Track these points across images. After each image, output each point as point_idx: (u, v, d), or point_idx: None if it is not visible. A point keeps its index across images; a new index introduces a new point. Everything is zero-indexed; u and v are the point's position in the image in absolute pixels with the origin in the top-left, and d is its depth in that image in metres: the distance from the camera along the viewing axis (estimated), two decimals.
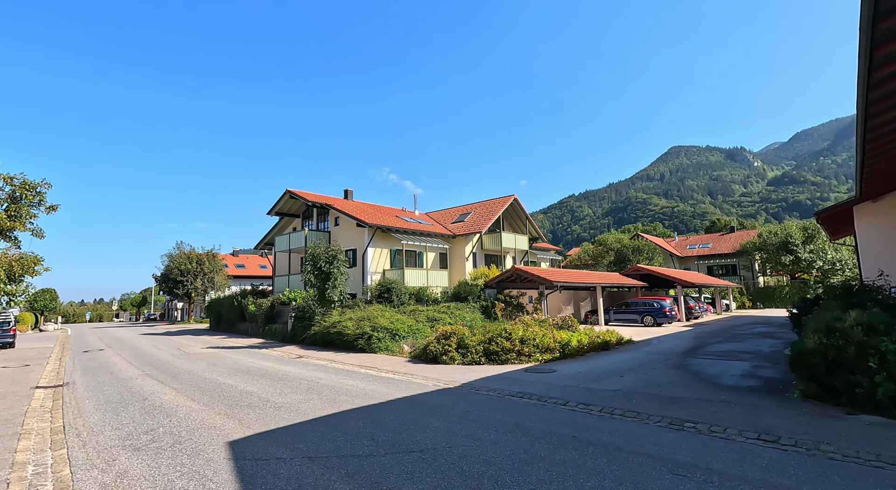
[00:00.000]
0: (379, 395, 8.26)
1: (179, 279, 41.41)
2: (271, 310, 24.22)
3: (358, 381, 10.06)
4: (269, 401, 8.14)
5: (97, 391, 9.97)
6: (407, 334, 16.00)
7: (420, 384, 9.42)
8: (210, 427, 6.55)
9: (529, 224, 33.04)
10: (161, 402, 8.49)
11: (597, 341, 13.00)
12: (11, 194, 20.72)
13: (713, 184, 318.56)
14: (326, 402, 7.80)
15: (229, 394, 8.98)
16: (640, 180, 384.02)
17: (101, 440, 6.18)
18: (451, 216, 32.99)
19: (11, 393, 10.20)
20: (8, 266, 19.55)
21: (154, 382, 10.80)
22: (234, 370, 12.37)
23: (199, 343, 21.73)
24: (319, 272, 18.43)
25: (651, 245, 38.50)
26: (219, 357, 15.66)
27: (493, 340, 11.87)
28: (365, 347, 15.51)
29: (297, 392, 8.90)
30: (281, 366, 13.07)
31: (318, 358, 14.70)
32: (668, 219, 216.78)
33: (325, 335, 17.42)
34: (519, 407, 7.05)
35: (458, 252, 29.04)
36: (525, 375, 9.87)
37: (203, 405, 8.01)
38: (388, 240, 26.01)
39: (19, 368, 14.44)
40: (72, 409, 8.25)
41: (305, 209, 29.85)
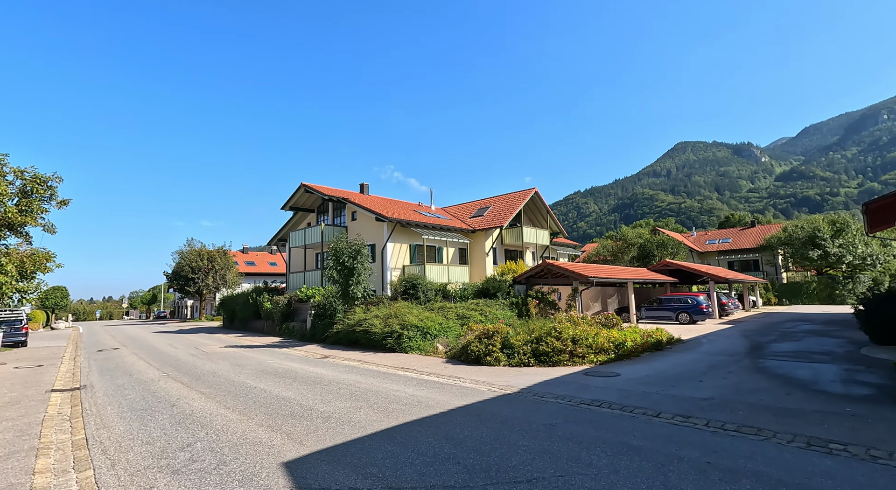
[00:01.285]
0: (435, 404, 7.35)
1: (191, 276, 40.76)
2: (288, 307, 23.41)
3: (402, 385, 9.16)
4: (313, 409, 7.26)
5: (118, 396, 9.16)
6: (438, 333, 15.10)
7: (473, 389, 8.51)
8: (255, 442, 5.67)
9: (550, 218, 32.01)
10: (191, 409, 7.64)
11: (649, 341, 12.03)
12: (22, 188, 19.99)
13: (720, 179, 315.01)
14: (379, 412, 6.90)
15: (264, 400, 8.12)
16: (646, 176, 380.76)
17: (131, 459, 5.32)
18: (469, 211, 32.02)
19: (26, 397, 9.42)
20: (20, 262, 18.83)
21: (178, 386, 9.97)
22: (260, 372, 11.54)
23: (215, 342, 20.97)
24: (342, 268, 17.56)
25: (675, 240, 37.32)
26: (240, 357, 14.85)
27: (543, 340, 10.93)
28: (395, 347, 14.63)
29: (341, 399, 8.02)
30: (309, 367, 12.21)
31: (346, 358, 13.84)
32: (675, 215, 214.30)
33: (350, 334, 16.56)
34: (607, 419, 6.12)
35: (477, 247, 28.10)
36: (587, 379, 8.93)
37: (240, 414, 7.14)
38: (407, 235, 25.11)
39: (33, 369, 13.70)
40: (93, 418, 7.42)
41: (321, 204, 29.00)
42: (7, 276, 17.78)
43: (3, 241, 19.88)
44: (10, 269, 17.98)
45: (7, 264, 17.97)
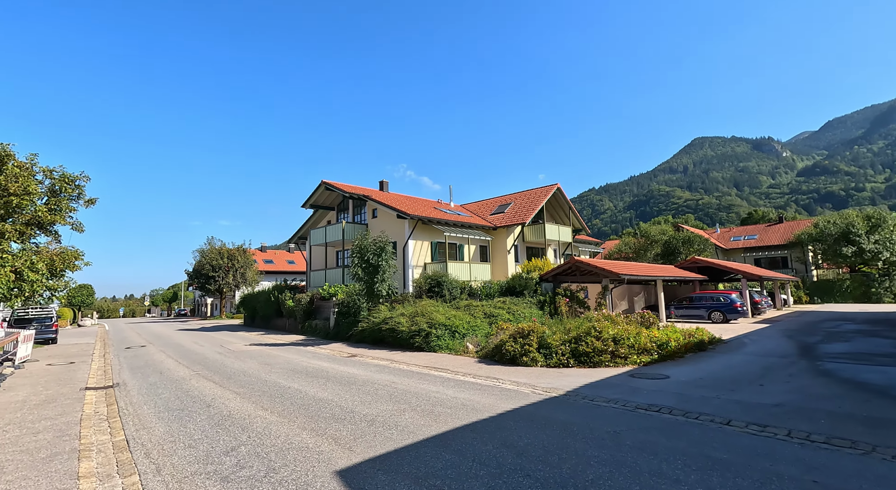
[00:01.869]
0: (481, 407, 7.00)
1: (211, 275, 41.18)
2: (310, 305, 23.33)
3: (440, 386, 8.83)
4: (355, 412, 6.97)
5: (152, 395, 9.03)
6: (467, 332, 14.75)
7: (515, 391, 8.13)
8: (301, 447, 5.39)
9: (573, 215, 31.36)
10: (228, 410, 7.43)
11: (692, 341, 11.47)
12: (51, 188, 20.25)
13: (739, 175, 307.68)
14: (425, 416, 6.58)
15: (301, 401, 7.87)
16: (662, 173, 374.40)
17: (176, 463, 5.09)
18: (489, 207, 31.56)
19: (61, 395, 9.36)
20: (49, 261, 19.07)
21: (211, 385, 9.81)
22: (291, 371, 11.34)
23: (239, 340, 20.99)
24: (367, 265, 17.32)
25: (701, 237, 36.25)
26: (267, 355, 14.72)
27: (582, 340, 10.48)
28: (423, 346, 14.33)
29: (380, 400, 7.72)
30: (339, 366, 11.98)
31: (374, 357, 13.59)
32: (693, 211, 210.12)
33: (376, 332, 16.32)
34: (674, 427, 5.68)
35: (499, 244, 27.65)
36: (635, 382, 8.47)
37: (279, 416, 6.90)
38: (428, 232, 24.80)
39: (65, 366, 13.78)
40: (131, 418, 7.26)
41: (340, 201, 28.88)
42: (38, 275, 17.99)
43: (34, 240, 20.18)
44: (40, 268, 18.19)
45: (38, 262, 18.19)
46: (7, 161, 18.52)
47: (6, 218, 18.44)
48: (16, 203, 17.72)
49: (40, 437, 6.33)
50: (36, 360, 15.12)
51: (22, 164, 19.01)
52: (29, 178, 18.56)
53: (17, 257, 18.00)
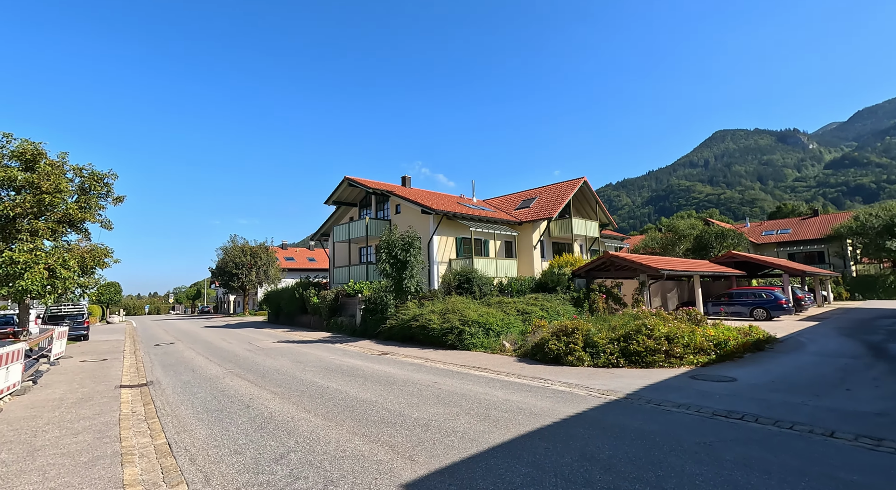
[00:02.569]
0: (540, 411, 6.47)
1: (235, 272, 41.54)
2: (335, 302, 23.10)
3: (486, 387, 8.33)
4: (404, 415, 6.52)
5: (187, 394, 8.76)
6: (501, 329, 14.21)
7: (570, 393, 7.58)
8: (356, 456, 4.95)
9: (599, 209, 30.45)
10: (269, 411, 7.06)
11: (750, 340, 10.71)
12: (81, 186, 20.42)
13: (763, 169, 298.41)
14: (483, 421, 6.08)
15: (344, 402, 7.46)
16: (682, 167, 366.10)
17: (225, 472, 4.70)
18: (513, 202, 30.87)
19: (97, 393, 9.19)
20: (81, 258, 19.21)
21: (246, 384, 9.52)
22: (325, 369, 11.00)
23: (265, 336, 20.88)
24: (395, 261, 16.92)
25: (735, 231, 34.83)
26: (297, 353, 14.46)
27: (632, 338, 9.84)
28: (455, 344, 13.85)
29: (427, 402, 7.26)
30: (373, 364, 11.59)
31: (406, 355, 13.17)
32: (714, 206, 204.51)
33: (405, 329, 15.92)
34: (771, 438, 5.04)
35: (524, 240, 27.00)
36: (700, 385, 7.82)
37: (325, 419, 6.49)
38: (453, 227, 24.31)
39: (98, 363, 13.75)
40: (170, 419, 6.96)
41: (363, 197, 28.60)
42: (70, 272, 18.13)
43: (65, 238, 20.39)
44: (72, 265, 18.33)
45: (70, 259, 18.33)
46: (39, 160, 18.71)
47: (39, 216, 18.63)
48: (48, 201, 17.86)
49: (80, 439, 6.06)
50: (70, 357, 15.18)
51: (53, 162, 19.19)
52: (60, 176, 18.71)
53: (50, 255, 18.17)
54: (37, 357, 12.65)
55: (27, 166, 18.53)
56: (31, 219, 18.13)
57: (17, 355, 9.18)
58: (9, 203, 17.66)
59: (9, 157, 18.41)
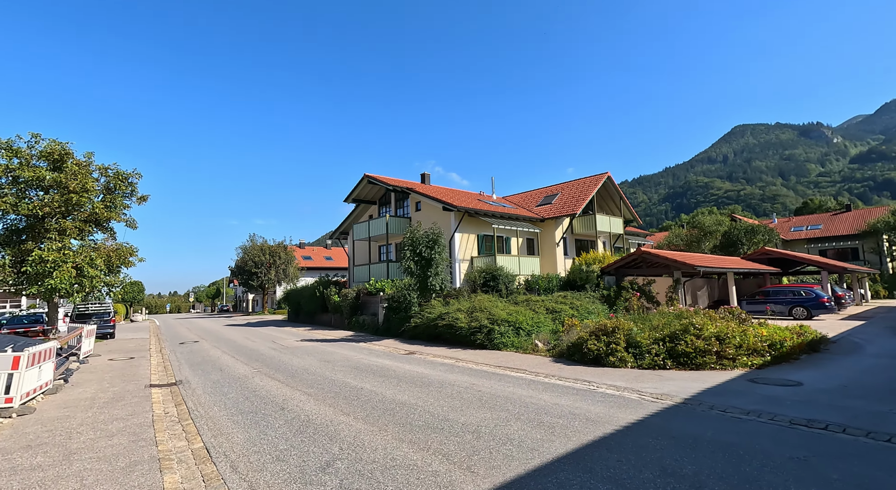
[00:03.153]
0: (596, 417, 6.02)
1: (254, 271, 41.82)
2: (356, 300, 22.91)
3: (529, 389, 7.90)
4: (450, 420, 6.14)
5: (218, 394, 8.54)
6: (531, 328, 13.75)
7: (620, 397, 7.10)
8: (408, 465, 4.58)
9: (624, 205, 29.66)
10: (306, 414, 6.76)
11: (804, 341, 10.04)
12: (106, 185, 20.58)
13: (784, 164, 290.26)
14: (537, 427, 5.66)
15: (382, 404, 7.12)
16: (699, 163, 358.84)
17: (270, 481, 4.38)
18: (534, 199, 30.28)
19: (128, 392, 9.04)
20: (107, 257, 19.36)
21: (276, 384, 9.26)
22: (354, 369, 10.70)
23: (288, 335, 20.77)
24: (420, 258, 16.57)
25: (766, 227, 33.60)
26: (323, 352, 14.23)
27: (679, 338, 9.29)
28: (485, 343, 13.44)
29: (471, 406, 6.87)
30: (403, 364, 11.25)
31: (435, 355, 12.81)
32: (734, 203, 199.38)
33: (431, 328, 15.56)
34: (878, 454, 4.50)
35: (547, 237, 26.40)
36: (763, 389, 7.25)
37: (365, 423, 6.15)
38: (475, 224, 23.88)
39: (126, 361, 13.73)
40: (204, 421, 6.71)
41: (382, 195, 28.36)
42: (97, 271, 18.26)
43: (91, 237, 20.58)
44: (99, 264, 18.47)
45: (97, 258, 18.46)
46: (66, 159, 18.87)
47: (67, 215, 18.81)
48: (75, 200, 18.00)
49: (115, 442, 5.83)
50: (98, 355, 15.24)
51: (80, 162, 19.35)
52: (87, 175, 18.86)
53: (77, 254, 18.33)
54: (67, 355, 12.66)
55: (55, 166, 18.71)
56: (59, 218, 18.32)
57: (48, 354, 9.09)
58: (37, 202, 17.85)
59: (37, 158, 18.62)
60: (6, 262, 18.01)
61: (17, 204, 17.45)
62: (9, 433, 6.39)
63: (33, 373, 8.26)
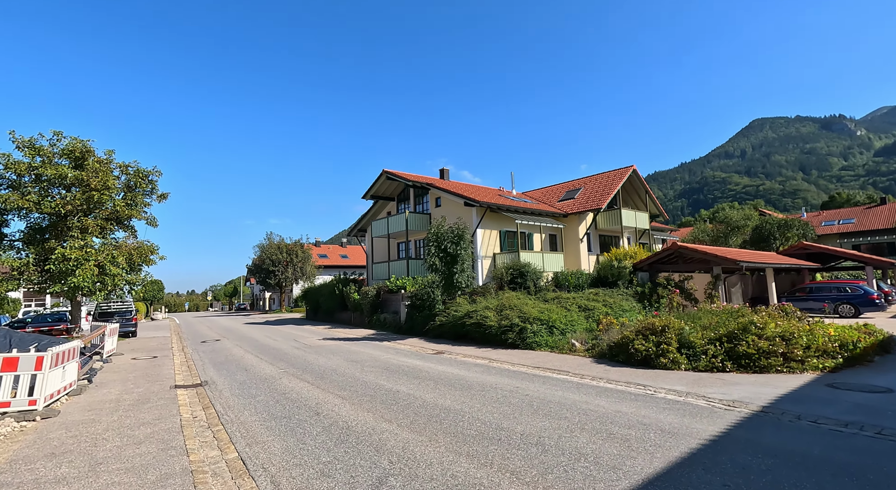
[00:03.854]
0: (673, 428, 5.37)
1: (271, 269, 41.80)
2: (377, 298, 22.47)
3: (580, 393, 7.27)
4: (506, 429, 5.55)
5: (247, 396, 8.10)
6: (565, 327, 13.08)
7: (686, 403, 6.43)
8: (474, 485, 4.01)
9: (649, 199, 28.67)
10: (344, 420, 6.24)
11: (875, 341, 9.20)
12: (126, 183, 20.47)
13: (805, 158, 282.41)
14: (608, 440, 5.04)
15: (424, 410, 6.57)
16: (716, 158, 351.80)
17: None
18: (556, 194, 29.48)
19: (153, 394, 8.67)
20: (128, 255, 19.23)
21: (306, 386, 8.80)
22: (385, 370, 10.20)
23: (309, 333, 20.42)
24: (445, 254, 16.01)
25: (800, 221, 32.21)
26: (347, 351, 13.77)
27: (739, 338, 8.55)
28: (516, 342, 12.82)
29: (523, 413, 6.27)
30: (435, 365, 10.71)
31: (466, 354, 12.24)
32: (752, 198, 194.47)
33: (457, 327, 14.98)
34: None
35: (570, 233, 25.62)
36: (849, 396, 6.50)
37: (412, 431, 5.60)
38: (497, 220, 23.23)
39: (149, 360, 13.47)
40: (236, 427, 6.24)
41: (401, 191, 27.87)
42: (118, 268, 18.13)
43: (112, 235, 20.50)
44: (120, 262, 18.33)
45: (118, 256, 18.33)
46: (87, 157, 18.76)
47: (88, 213, 18.71)
48: (97, 198, 17.87)
49: (144, 450, 5.39)
50: (121, 354, 15.04)
51: (101, 159, 19.24)
52: (108, 173, 18.73)
53: (99, 252, 18.22)
54: (90, 355, 12.43)
55: (76, 164, 18.61)
56: (81, 216, 18.21)
57: (72, 353, 8.77)
58: (60, 200, 17.75)
59: (59, 155, 18.54)
60: (30, 260, 17.98)
61: (40, 202, 17.38)
62: (32, 439, 6.02)
63: (57, 373, 7.93)
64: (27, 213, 18.10)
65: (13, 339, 9.39)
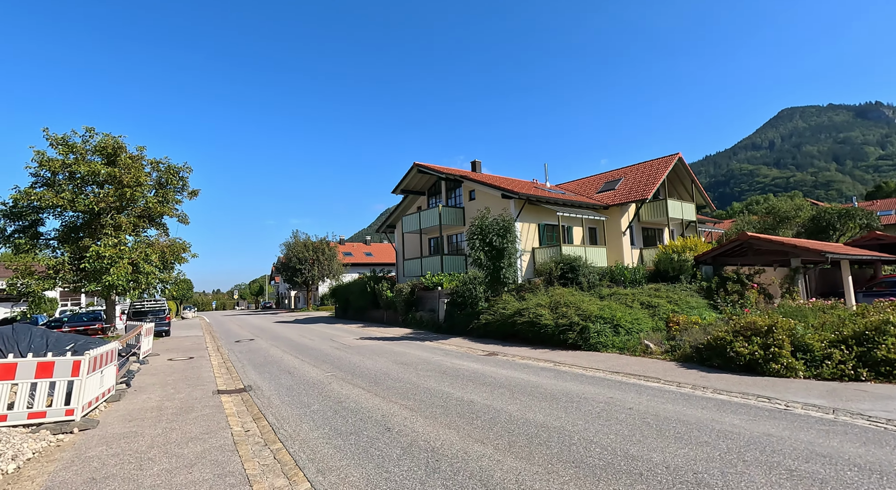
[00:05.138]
0: (870, 464, 4.16)
1: (298, 267, 41.49)
2: (411, 296, 21.55)
3: (699, 408, 6.09)
4: (642, 460, 4.45)
5: (299, 405, 7.21)
6: (631, 326, 11.85)
7: (846, 424, 5.20)
8: None
9: (695, 189, 26.93)
10: (426, 439, 5.24)
11: None
12: (158, 180, 20.07)
13: (839, 147, 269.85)
14: (797, 481, 3.88)
15: (517, 428, 5.51)
16: (743, 150, 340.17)
17: None
18: (593, 186, 28.00)
19: (196, 400, 7.88)
20: (161, 252, 18.81)
21: (362, 393, 7.86)
22: (442, 374, 9.20)
23: (344, 333, 19.65)
24: (490, 248, 14.93)
25: (864, 210, 29.79)
26: (391, 352, 12.85)
27: (874, 341, 7.21)
28: (578, 343, 11.65)
29: (645, 435, 5.15)
30: (497, 369, 9.65)
31: (524, 356, 11.15)
32: (782, 190, 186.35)
33: (506, 325, 13.90)
34: None
35: (612, 226, 24.17)
36: None
37: (518, 458, 4.55)
38: (536, 213, 22.00)
39: (186, 362, 12.84)
40: (298, 446, 5.31)
41: (432, 185, 26.88)
42: (151, 266, 17.69)
43: (145, 232, 20.14)
44: (153, 259, 17.90)
45: (151, 254, 17.90)
46: (120, 153, 18.37)
47: (121, 210, 18.33)
48: (129, 195, 17.44)
49: (197, 476, 4.49)
50: (157, 354, 14.50)
51: (133, 155, 18.85)
52: (140, 169, 18.30)
53: (132, 249, 17.82)
54: (127, 356, 11.84)
55: (109, 160, 18.25)
56: (114, 214, 17.82)
57: (111, 356, 8.06)
58: (93, 197, 17.39)
59: (91, 152, 18.20)
60: (65, 259, 17.71)
61: (74, 200, 17.04)
62: (70, 457, 5.21)
63: (95, 379, 7.19)
64: (62, 211, 17.82)
65: (49, 340, 8.78)
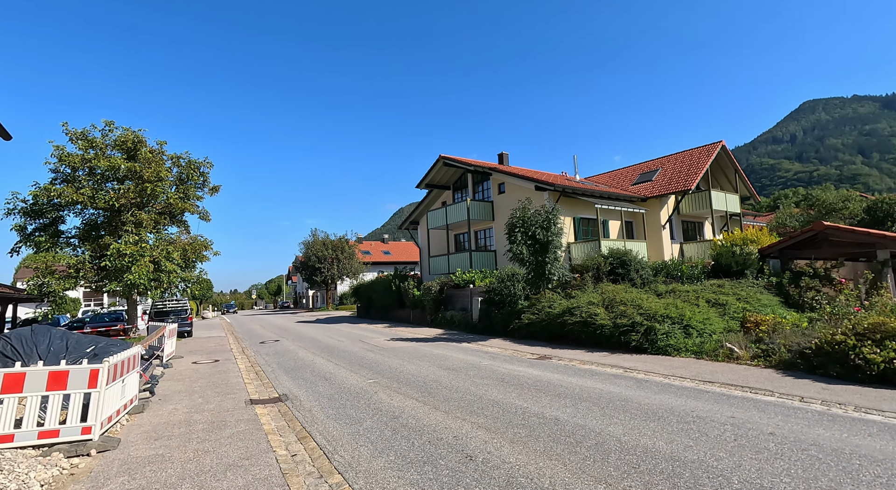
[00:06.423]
0: None
1: (317, 266, 40.87)
2: (440, 294, 20.50)
3: (856, 435, 4.87)
4: None
5: (348, 421, 6.17)
6: (701, 327, 10.56)
7: None
8: None
9: (739, 179, 25.30)
10: (524, 474, 4.13)
11: None
12: (179, 175, 19.42)
13: (865, 140, 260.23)
14: None
15: (632, 457, 4.37)
16: (763, 144, 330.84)
17: None
18: (627, 177, 26.57)
19: (227, 412, 6.92)
20: (182, 250, 18.13)
21: (416, 405, 6.79)
22: (499, 381, 8.09)
23: (372, 333, 18.68)
24: (534, 242, 13.76)
25: None
26: (431, 355, 11.78)
27: None
28: (643, 345, 10.41)
29: (817, 476, 3.97)
30: (564, 376, 8.49)
31: (582, 361, 9.98)
32: (805, 185, 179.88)
33: (554, 325, 12.70)
34: None
35: (651, 219, 22.78)
36: None
37: None
38: (572, 205, 20.77)
39: (211, 365, 11.98)
40: (363, 481, 4.26)
41: (458, 178, 25.79)
42: (173, 264, 17.00)
43: (166, 229, 19.51)
44: (175, 257, 17.21)
45: (173, 252, 17.21)
46: (140, 148, 17.74)
47: (142, 207, 17.69)
48: (150, 190, 16.76)
49: None
50: (180, 357, 13.71)
51: (153, 150, 18.22)
52: (160, 163, 17.64)
53: (154, 247, 17.15)
54: (150, 359, 11.02)
55: (129, 155, 17.63)
56: (135, 210, 17.16)
57: (133, 362, 7.15)
58: (113, 194, 16.77)
59: (111, 147, 17.59)
60: (86, 257, 17.13)
61: (94, 196, 16.43)
62: None
63: (115, 389, 6.26)
64: (82, 208, 17.26)
65: (70, 342, 7.94)
